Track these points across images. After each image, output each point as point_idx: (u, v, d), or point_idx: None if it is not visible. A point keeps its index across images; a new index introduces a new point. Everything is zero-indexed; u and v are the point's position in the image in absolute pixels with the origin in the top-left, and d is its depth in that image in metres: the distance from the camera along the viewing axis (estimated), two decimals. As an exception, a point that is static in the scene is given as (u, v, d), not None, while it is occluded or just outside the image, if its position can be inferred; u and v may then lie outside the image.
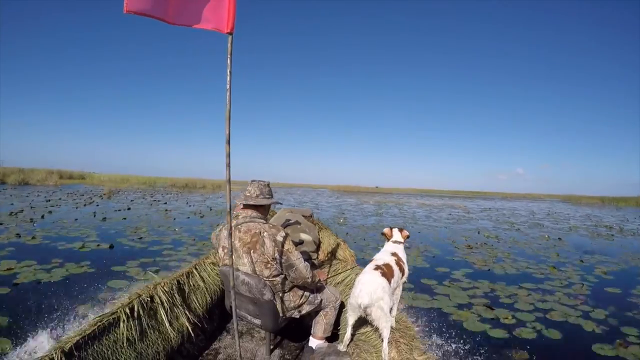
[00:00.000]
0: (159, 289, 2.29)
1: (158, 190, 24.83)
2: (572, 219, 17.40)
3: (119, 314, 1.95)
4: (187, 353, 2.31)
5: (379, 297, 2.00)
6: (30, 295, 3.86)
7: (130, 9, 1.35)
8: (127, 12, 1.34)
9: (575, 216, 19.13)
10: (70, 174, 29.73)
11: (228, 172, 1.67)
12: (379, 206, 20.61)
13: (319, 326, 2.33)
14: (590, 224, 15.00)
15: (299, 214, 3.57)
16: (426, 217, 15.10)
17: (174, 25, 1.48)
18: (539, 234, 10.99)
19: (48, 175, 24.55)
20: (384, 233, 2.63)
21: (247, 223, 2.08)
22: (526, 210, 22.56)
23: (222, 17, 1.56)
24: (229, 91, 1.62)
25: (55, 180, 24.49)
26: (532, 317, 4.02)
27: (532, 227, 12.93)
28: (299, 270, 2.07)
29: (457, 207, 23.43)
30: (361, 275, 2.18)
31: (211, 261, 2.94)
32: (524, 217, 17.60)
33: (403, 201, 27.64)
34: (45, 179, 23.95)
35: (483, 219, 15.63)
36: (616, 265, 6.88)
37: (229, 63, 1.60)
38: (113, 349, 1.84)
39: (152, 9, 1.41)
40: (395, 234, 2.57)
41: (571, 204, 34.49)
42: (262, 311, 2.08)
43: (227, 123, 1.63)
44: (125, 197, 17.78)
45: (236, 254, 2.10)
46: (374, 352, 2.06)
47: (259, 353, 2.44)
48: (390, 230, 2.61)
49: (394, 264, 2.28)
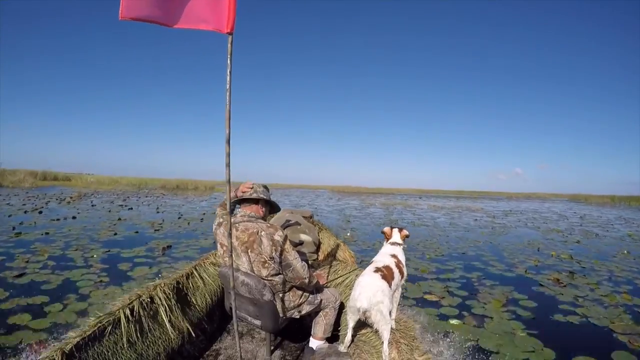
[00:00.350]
0: (159, 290, 2.29)
1: (143, 192, 23.11)
2: (611, 222, 15.14)
3: (119, 315, 1.94)
4: (187, 354, 2.31)
5: (379, 300, 1.96)
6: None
7: (125, 16, 1.30)
8: (123, 18, 1.30)
9: (610, 219, 16.74)
10: (55, 175, 28.09)
11: (228, 172, 1.67)
12: (388, 209, 18.06)
13: (319, 327, 2.32)
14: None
15: (299, 214, 3.58)
16: (450, 224, 12.76)
17: (173, 28, 1.46)
18: (616, 249, 8.55)
19: (25, 177, 23.30)
20: (383, 232, 2.60)
21: (245, 222, 2.07)
22: (552, 212, 20.24)
23: (221, 17, 1.55)
24: (229, 91, 1.62)
25: (31, 182, 23.14)
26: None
27: (587, 237, 10.34)
28: (297, 270, 2.06)
29: (474, 209, 20.92)
30: (360, 277, 2.14)
31: (211, 261, 2.94)
32: (560, 221, 15.28)
33: (411, 203, 24.86)
34: (21, 180, 22.57)
35: (518, 225, 13.28)
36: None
37: (229, 63, 1.60)
38: (113, 350, 1.83)
39: (148, 14, 1.36)
40: (394, 235, 2.52)
41: (584, 204, 33.00)
42: (262, 312, 2.07)
43: (227, 123, 1.63)
44: (93, 200, 15.67)
45: (235, 253, 2.09)
46: (374, 352, 2.05)
47: (259, 354, 2.43)
48: (390, 229, 2.56)
49: (394, 266, 2.25)
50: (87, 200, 15.54)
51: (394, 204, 23.38)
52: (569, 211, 21.85)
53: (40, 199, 14.75)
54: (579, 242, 9.54)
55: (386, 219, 13.78)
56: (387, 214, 15.72)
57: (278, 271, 2.06)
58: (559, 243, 9.24)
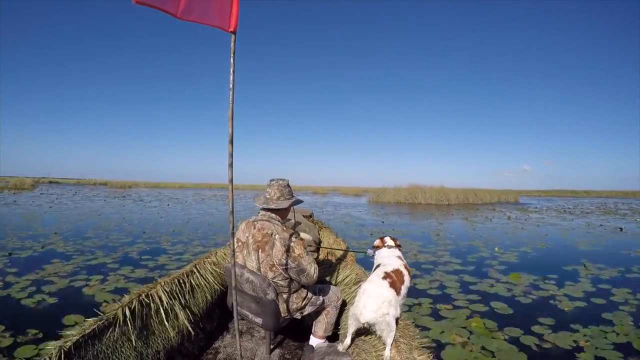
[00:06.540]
0: (159, 288, 2.29)
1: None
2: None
3: (119, 313, 1.94)
4: (187, 352, 2.31)
5: (385, 313, 1.85)
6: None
7: (139, 0, 1.33)
8: (137, 2, 1.32)
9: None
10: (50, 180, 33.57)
11: (230, 172, 1.66)
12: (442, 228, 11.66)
13: (320, 325, 2.33)
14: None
15: (299, 214, 3.58)
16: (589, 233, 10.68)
17: (180, 19, 1.47)
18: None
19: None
20: (375, 246, 2.50)
21: (263, 221, 2.10)
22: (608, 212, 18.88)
23: (226, 15, 1.56)
24: (232, 90, 1.61)
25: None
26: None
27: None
28: (310, 276, 2.08)
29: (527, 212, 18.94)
30: (367, 284, 2.01)
31: (211, 261, 2.93)
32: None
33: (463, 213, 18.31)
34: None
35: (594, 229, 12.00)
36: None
37: (232, 62, 1.60)
38: (113, 348, 1.83)
39: (162, 2, 1.39)
40: (388, 241, 2.47)
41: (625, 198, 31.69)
42: (264, 310, 2.08)
43: (230, 122, 1.63)
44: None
45: (247, 250, 2.12)
46: (373, 352, 2.05)
47: (259, 352, 2.44)
48: (381, 240, 2.51)
49: (403, 269, 2.15)
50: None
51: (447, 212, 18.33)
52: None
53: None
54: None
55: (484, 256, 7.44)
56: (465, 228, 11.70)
57: (284, 276, 2.07)
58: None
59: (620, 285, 5.24)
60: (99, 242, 7.54)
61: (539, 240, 9.49)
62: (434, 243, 8.64)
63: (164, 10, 1.41)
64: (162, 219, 12.29)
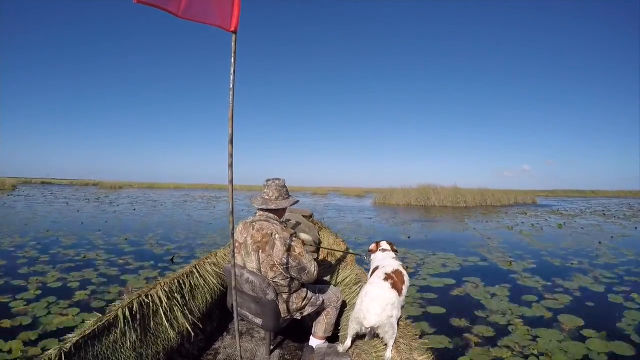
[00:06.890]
0: (159, 289, 2.28)
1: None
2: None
3: (119, 314, 1.94)
4: (187, 353, 2.31)
5: (389, 315, 1.83)
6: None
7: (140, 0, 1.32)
8: (138, 2, 1.31)
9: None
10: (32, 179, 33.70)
11: (230, 172, 1.65)
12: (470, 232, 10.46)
13: (320, 326, 2.32)
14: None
15: (299, 214, 3.58)
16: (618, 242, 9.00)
17: (181, 19, 1.47)
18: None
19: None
20: (370, 250, 2.52)
21: (262, 222, 2.09)
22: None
23: (227, 15, 1.56)
24: (232, 90, 1.61)
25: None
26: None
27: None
28: (311, 274, 2.08)
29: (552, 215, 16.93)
30: (369, 286, 1.99)
31: (211, 261, 2.93)
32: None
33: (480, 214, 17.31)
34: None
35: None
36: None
37: (233, 62, 1.60)
38: (113, 349, 1.83)
39: (163, 1, 1.38)
40: (383, 245, 2.49)
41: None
42: (264, 311, 2.08)
43: (230, 122, 1.62)
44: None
45: (246, 251, 2.11)
46: (373, 352, 2.05)
47: (258, 353, 2.43)
48: (376, 244, 2.53)
49: (402, 269, 2.15)
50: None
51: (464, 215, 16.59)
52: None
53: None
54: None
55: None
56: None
57: (285, 276, 2.07)
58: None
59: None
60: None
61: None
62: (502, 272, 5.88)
63: (165, 9, 1.40)
64: (82, 224, 10.35)
